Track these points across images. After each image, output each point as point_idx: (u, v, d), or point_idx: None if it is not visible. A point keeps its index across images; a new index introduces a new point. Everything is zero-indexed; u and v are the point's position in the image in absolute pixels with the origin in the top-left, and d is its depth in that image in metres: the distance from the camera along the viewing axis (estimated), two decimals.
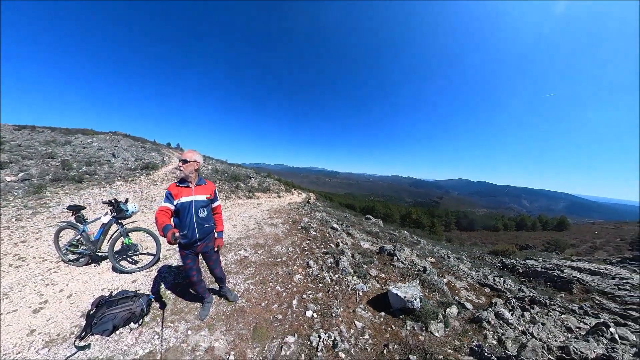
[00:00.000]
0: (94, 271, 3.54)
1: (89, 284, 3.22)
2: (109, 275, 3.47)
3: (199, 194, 2.37)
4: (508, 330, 2.55)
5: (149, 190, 9.49)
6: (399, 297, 2.92)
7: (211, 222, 2.53)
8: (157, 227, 2.08)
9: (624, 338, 2.40)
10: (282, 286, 3.53)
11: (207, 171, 15.70)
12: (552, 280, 6.93)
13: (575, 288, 6.28)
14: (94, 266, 3.66)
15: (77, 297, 2.90)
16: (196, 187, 2.40)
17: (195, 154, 2.38)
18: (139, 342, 2.32)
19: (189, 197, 2.31)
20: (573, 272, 7.39)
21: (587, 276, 7.18)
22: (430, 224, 34.77)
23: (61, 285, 3.13)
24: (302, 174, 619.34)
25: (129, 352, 2.21)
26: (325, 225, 8.07)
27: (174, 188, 2.31)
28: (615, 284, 6.57)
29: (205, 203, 2.43)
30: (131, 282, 3.33)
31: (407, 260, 5.09)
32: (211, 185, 2.57)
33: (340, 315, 2.89)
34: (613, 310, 4.71)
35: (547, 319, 2.86)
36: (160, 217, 2.14)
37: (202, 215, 2.39)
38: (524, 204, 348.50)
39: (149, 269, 3.70)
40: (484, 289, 4.43)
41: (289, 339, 2.42)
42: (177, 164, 2.41)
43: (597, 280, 6.88)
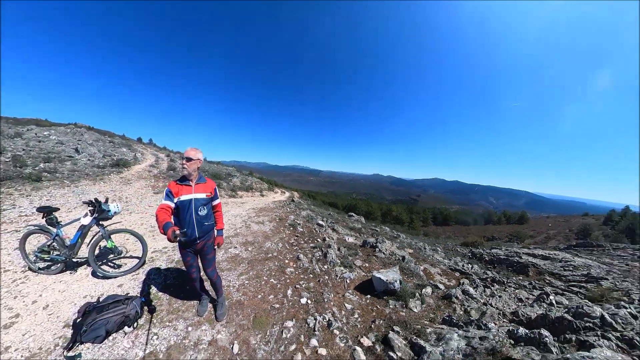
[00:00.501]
0: (71, 279, 3.24)
1: (68, 292, 2.95)
2: (89, 281, 3.21)
3: (199, 192, 2.36)
4: (472, 303, 3.02)
5: (122, 190, 8.78)
6: (382, 281, 3.28)
7: (211, 220, 2.52)
8: (158, 224, 2.05)
9: (559, 303, 2.96)
10: (276, 279, 3.71)
11: None
12: (513, 266, 7.84)
13: (530, 271, 7.19)
14: (70, 273, 3.32)
15: (56, 308, 2.66)
16: (196, 185, 2.38)
17: (197, 152, 2.37)
18: (136, 345, 2.28)
19: (189, 195, 2.30)
20: (529, 258, 8.41)
21: (540, 261, 8.22)
22: (409, 220, 36.59)
23: (33, 297, 2.83)
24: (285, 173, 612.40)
25: (127, 355, 2.17)
26: (312, 222, 8.33)
27: (174, 186, 2.29)
28: (562, 266, 7.62)
29: (206, 201, 2.41)
30: (117, 287, 3.14)
31: (388, 251, 5.53)
32: (211, 183, 2.54)
33: (332, 300, 3.18)
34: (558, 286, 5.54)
35: (503, 293, 3.39)
36: (161, 214, 2.12)
37: (202, 213, 2.37)
38: (491, 200, 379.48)
39: (135, 272, 3.52)
40: (454, 273, 4.99)
41: (288, 324, 2.64)
42: (181, 161, 2.34)
43: (547, 263, 7.91)
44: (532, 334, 1.97)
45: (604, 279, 6.36)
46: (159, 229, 2.06)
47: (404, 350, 2.13)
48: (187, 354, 2.23)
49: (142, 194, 8.82)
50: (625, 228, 24.46)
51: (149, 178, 10.93)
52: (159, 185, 10.15)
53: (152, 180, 10.69)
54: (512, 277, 5.49)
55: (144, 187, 9.51)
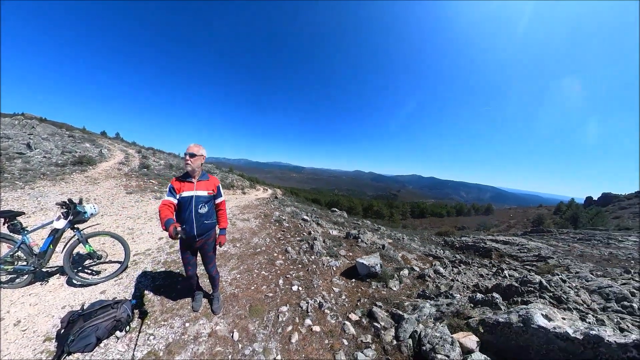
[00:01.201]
0: (43, 290, 2.93)
1: (42, 305, 2.71)
2: (66, 291, 2.97)
3: (200, 189, 2.30)
4: (442, 280, 3.48)
5: (89, 191, 7.72)
6: (365, 265, 3.63)
7: (212, 218, 2.44)
8: (160, 220, 2.04)
9: (512, 276, 3.53)
10: (267, 271, 3.87)
11: (160, 166, 13.74)
12: (479, 250, 8.76)
13: (493, 254, 8.11)
14: (41, 284, 3.02)
15: (30, 323, 2.46)
16: (198, 182, 2.32)
17: (200, 148, 2.32)
18: (132, 347, 2.24)
19: (190, 192, 2.25)
20: (492, 244, 9.43)
21: (501, 245, 9.26)
22: (389, 214, 38.27)
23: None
24: (267, 169, 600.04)
25: (123, 358, 2.14)
26: (296, 218, 8.53)
27: (176, 182, 2.26)
28: (519, 249, 8.68)
29: (207, 199, 2.35)
30: (99, 294, 2.97)
31: (369, 241, 5.94)
32: (214, 181, 2.46)
33: (321, 285, 3.45)
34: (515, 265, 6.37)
35: (468, 271, 3.92)
36: (164, 210, 2.08)
37: (202, 211, 2.30)
38: (462, 195, 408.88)
39: (118, 277, 3.33)
40: (428, 258, 5.54)
41: (283, 309, 2.83)
42: (185, 158, 2.26)
43: (507, 247, 8.94)
44: (487, 298, 2.41)
45: (550, 257, 7.40)
46: (161, 225, 2.04)
47: (386, 320, 2.47)
48: (187, 348, 2.26)
49: (112, 195, 7.97)
50: (570, 217, 28.06)
51: (119, 177, 9.90)
52: (132, 184, 9.23)
53: (124, 179, 9.68)
54: (477, 259, 6.21)
55: (114, 187, 8.60)
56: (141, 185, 8.89)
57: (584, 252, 9.33)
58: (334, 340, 2.38)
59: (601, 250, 9.46)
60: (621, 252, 9.10)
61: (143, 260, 3.87)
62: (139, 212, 6.27)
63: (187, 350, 2.24)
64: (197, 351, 2.24)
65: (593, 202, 40.26)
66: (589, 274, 3.56)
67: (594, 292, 2.55)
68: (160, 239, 4.73)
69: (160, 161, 15.45)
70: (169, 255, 4.07)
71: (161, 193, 8.32)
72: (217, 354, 2.22)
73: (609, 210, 31.13)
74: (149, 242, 4.58)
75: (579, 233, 14.13)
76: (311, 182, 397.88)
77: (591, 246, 10.38)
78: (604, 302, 2.38)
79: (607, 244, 10.59)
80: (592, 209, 31.28)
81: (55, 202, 3.14)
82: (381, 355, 2.15)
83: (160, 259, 3.96)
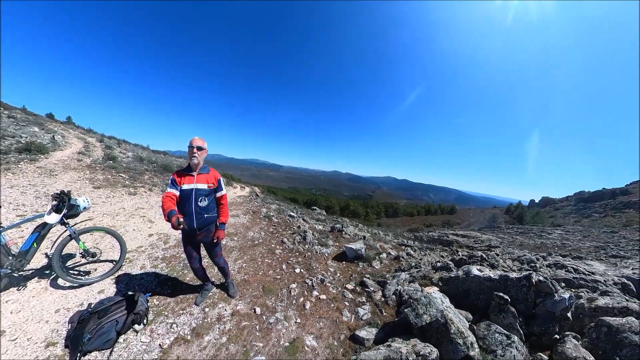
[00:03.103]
0: (23, 296, 2.61)
1: (27, 311, 2.43)
2: (53, 294, 2.71)
3: (200, 182, 2.31)
4: (413, 259, 4.38)
5: (46, 184, 6.36)
6: (353, 249, 4.39)
7: (212, 212, 2.43)
8: (163, 212, 2.05)
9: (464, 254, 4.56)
10: (269, 259, 4.35)
11: (128, 159, 12.26)
12: (442, 242, 10.13)
13: (454, 245, 9.49)
14: (17, 290, 2.66)
15: (19, 331, 2.23)
16: (199, 175, 2.33)
17: (204, 141, 2.35)
18: (155, 337, 2.27)
19: (191, 185, 2.26)
20: (454, 237, 10.92)
21: (461, 238, 10.79)
22: (365, 213, 40.23)
23: None
24: (243, 166, 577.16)
25: (150, 349, 2.15)
26: (284, 214, 9.07)
27: (177, 175, 2.30)
28: (474, 241, 10.22)
29: (207, 192, 2.34)
30: (97, 293, 2.81)
31: (352, 233, 6.76)
32: (215, 174, 2.45)
33: (318, 267, 4.11)
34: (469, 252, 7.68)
35: (432, 255, 4.90)
36: (167, 202, 2.10)
37: (202, 204, 2.30)
38: (431, 196, 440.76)
39: (115, 275, 3.18)
40: (401, 247, 6.53)
41: (292, 286, 3.39)
42: (192, 150, 2.28)
43: (465, 240, 10.46)
44: (443, 264, 3.31)
45: (497, 247, 8.95)
46: (164, 216, 2.06)
47: (374, 286, 3.24)
48: (214, 328, 2.42)
49: (77, 190, 6.91)
50: (517, 216, 33.07)
51: (81, 169, 8.55)
52: (98, 178, 8.01)
53: (87, 171, 8.42)
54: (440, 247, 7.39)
55: (77, 181, 7.50)
56: (109, 179, 8.05)
57: (523, 242, 11.32)
58: (338, 303, 3.06)
59: (535, 241, 11.55)
60: (549, 242, 11.25)
61: (138, 258, 3.75)
62: (115, 208, 5.81)
63: (214, 330, 2.41)
64: (225, 329, 2.45)
65: (535, 204, 46.92)
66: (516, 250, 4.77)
67: (515, 260, 3.63)
68: (150, 236, 4.58)
69: (127, 153, 13.79)
70: (166, 251, 4.07)
71: (135, 188, 7.80)
72: (244, 327, 2.51)
73: (547, 211, 36.79)
74: (137, 239, 4.39)
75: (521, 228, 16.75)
76: (289, 180, 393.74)
77: (528, 238, 12.56)
78: (519, 264, 3.44)
79: (540, 236, 12.89)
80: (533, 210, 36.78)
81: (50, 194, 3.02)
82: (374, 308, 2.91)
83: (158, 254, 3.92)
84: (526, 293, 2.31)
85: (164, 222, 5.28)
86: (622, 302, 2.28)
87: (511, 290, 2.37)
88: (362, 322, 2.70)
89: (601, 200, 33.69)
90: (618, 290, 2.83)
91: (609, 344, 1.94)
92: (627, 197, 31.60)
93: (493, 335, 2.02)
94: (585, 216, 28.16)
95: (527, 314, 2.27)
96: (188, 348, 2.23)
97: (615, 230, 15.32)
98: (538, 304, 2.27)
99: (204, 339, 2.33)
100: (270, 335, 2.44)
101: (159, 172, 11.25)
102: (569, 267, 3.58)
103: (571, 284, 3.06)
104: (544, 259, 3.82)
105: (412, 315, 2.17)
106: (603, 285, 2.90)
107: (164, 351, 2.16)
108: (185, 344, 2.25)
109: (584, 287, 2.91)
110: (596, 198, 35.34)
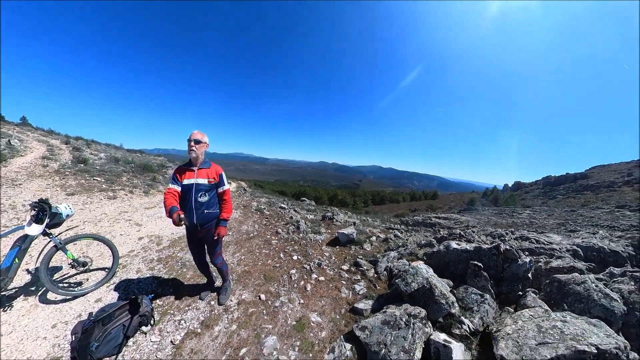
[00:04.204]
0: (10, 317, 2.45)
1: (20, 332, 2.31)
2: (46, 309, 2.55)
3: (201, 177, 2.27)
4: (400, 240, 4.79)
5: (10, 196, 5.50)
6: (345, 234, 4.70)
7: (214, 207, 2.37)
8: (165, 208, 2.02)
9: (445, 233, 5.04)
10: (266, 249, 4.52)
11: (102, 160, 10.91)
12: (426, 225, 10.82)
13: (436, 226, 10.19)
14: (4, 311, 2.50)
15: (16, 352, 2.14)
16: (199, 170, 2.29)
17: (204, 135, 2.30)
18: (165, 335, 2.30)
19: (191, 180, 2.23)
20: (436, 220, 11.65)
21: (442, 220, 11.55)
22: (353, 202, 41.27)
23: None
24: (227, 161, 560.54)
25: (162, 347, 2.19)
26: (275, 206, 9.22)
27: (178, 170, 2.28)
28: (454, 222, 11.00)
29: (208, 187, 2.29)
30: (94, 303, 2.70)
31: (342, 220, 7.10)
32: (217, 168, 2.40)
33: (314, 253, 4.38)
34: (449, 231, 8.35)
35: (417, 235, 5.34)
36: (168, 198, 2.07)
37: (203, 200, 2.26)
38: (415, 183, 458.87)
39: (110, 282, 3.07)
40: (389, 230, 6.99)
41: (292, 272, 3.61)
42: (190, 144, 2.23)
43: (446, 222, 11.22)
44: (427, 242, 3.70)
45: (475, 226, 9.70)
46: (165, 212, 2.03)
47: (367, 265, 3.57)
48: (223, 318, 2.53)
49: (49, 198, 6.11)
50: (493, 199, 35.79)
51: (49, 175, 7.66)
52: (71, 184, 7.22)
53: (56, 178, 7.60)
54: (424, 229, 7.98)
55: (46, 189, 6.81)
56: (83, 184, 7.25)
57: (497, 222, 12.37)
58: (336, 282, 3.35)
59: (508, 220, 12.66)
60: (519, 221, 12.39)
61: (131, 262, 3.62)
62: (96, 215, 5.34)
63: (223, 320, 2.52)
64: (233, 317, 2.58)
65: (508, 188, 50.74)
66: (490, 228, 5.33)
67: (488, 235, 4.12)
68: (140, 239, 4.39)
69: (99, 154, 12.34)
70: (161, 252, 3.97)
71: (114, 192, 7.12)
72: (252, 313, 2.66)
73: (518, 194, 39.99)
74: (127, 244, 4.19)
75: (495, 209, 18.14)
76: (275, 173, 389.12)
77: (502, 217, 13.72)
78: (492, 239, 3.92)
79: (511, 216, 14.11)
80: (507, 193, 39.99)
81: (28, 204, 2.79)
82: (369, 284, 3.24)
83: (152, 257, 3.81)
84: (496, 260, 2.73)
85: (153, 224, 5.22)
86: (570, 263, 2.76)
87: (484, 258, 2.78)
88: (359, 296, 3.02)
89: (565, 183, 37.12)
90: (569, 255, 3.37)
91: (559, 294, 2.39)
92: (586, 180, 35.09)
93: (470, 296, 2.40)
94: (551, 198, 31.00)
95: (496, 277, 2.69)
96: (200, 340, 2.31)
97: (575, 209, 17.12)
98: (505, 268, 2.70)
99: (214, 329, 2.43)
100: (278, 317, 2.64)
101: (138, 172, 10.40)
102: (532, 239, 4.14)
103: (533, 252, 3.57)
104: (512, 234, 4.39)
105: (402, 284, 2.50)
106: (558, 252, 3.43)
107: (177, 346, 2.22)
108: (197, 337, 2.34)
109: (543, 254, 3.43)
110: (560, 182, 39.03)
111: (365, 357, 2.06)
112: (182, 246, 4.25)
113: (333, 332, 2.47)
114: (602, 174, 36.39)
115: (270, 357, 2.15)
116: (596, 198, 23.99)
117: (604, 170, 38.49)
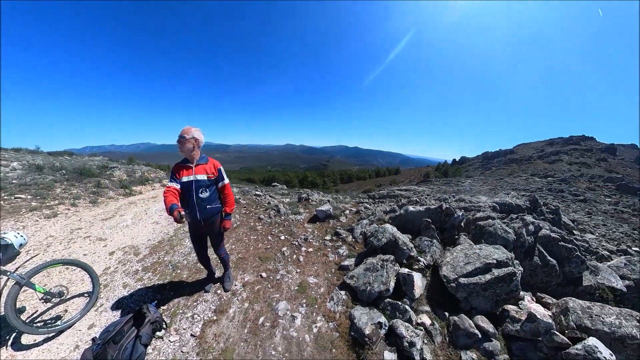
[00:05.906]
0: None
1: None
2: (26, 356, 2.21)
3: (199, 173, 2.29)
4: (369, 210, 5.64)
5: None
6: (323, 211, 5.35)
7: (215, 203, 2.41)
8: (165, 206, 2.02)
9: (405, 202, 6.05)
10: (254, 235, 4.83)
11: (17, 171, 8.00)
12: (390, 197, 12.18)
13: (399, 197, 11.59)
14: None
15: None
16: (197, 166, 2.31)
17: (192, 130, 2.25)
18: (182, 332, 2.40)
19: (190, 177, 2.25)
20: (398, 192, 13.12)
21: (403, 192, 13.04)
22: (323, 182, 42.69)
23: None
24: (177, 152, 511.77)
25: (183, 343, 2.28)
26: (249, 194, 9.36)
27: (176, 167, 2.30)
28: (413, 193, 12.57)
29: (207, 183, 2.32)
30: (89, 330, 2.47)
31: (317, 199, 7.76)
32: (215, 163, 2.43)
33: (298, 231, 4.91)
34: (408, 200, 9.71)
35: (383, 205, 6.29)
36: (168, 196, 2.08)
37: (204, 195, 2.29)
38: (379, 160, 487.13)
39: (97, 305, 2.80)
40: (359, 204, 7.92)
41: (284, 249, 4.08)
42: (178, 141, 2.26)
43: (406, 193, 12.73)
44: (391, 209, 4.56)
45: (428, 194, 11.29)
46: (166, 211, 2.04)
47: (345, 233, 4.30)
48: (234, 300, 2.78)
49: None
50: (443, 172, 41.70)
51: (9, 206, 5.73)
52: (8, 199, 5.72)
53: None
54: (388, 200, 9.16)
55: None
56: (3, 206, 5.44)
57: (446, 190, 14.56)
58: (323, 250, 3.99)
59: (454, 188, 14.98)
60: (462, 188, 14.77)
61: (112, 280, 3.31)
62: (39, 240, 4.30)
63: (234, 303, 2.77)
64: (244, 297, 2.88)
65: (456, 162, 58.47)
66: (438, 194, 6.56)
67: (436, 200, 5.18)
68: (111, 254, 3.95)
69: (10, 164, 8.81)
70: (144, 261, 3.74)
71: (50, 209, 5.62)
72: (259, 290, 3.03)
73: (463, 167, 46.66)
74: (98, 263, 3.71)
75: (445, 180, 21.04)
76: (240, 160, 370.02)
77: (449, 186, 16.14)
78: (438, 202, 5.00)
79: (457, 185, 16.65)
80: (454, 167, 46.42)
81: None
82: (349, 247, 3.96)
83: (136, 268, 3.57)
84: (440, 216, 3.67)
85: (120, 235, 4.68)
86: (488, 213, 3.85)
87: (432, 216, 3.70)
88: (343, 257, 3.73)
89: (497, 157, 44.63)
90: (490, 209, 4.56)
91: (479, 234, 3.41)
92: (512, 155, 43.73)
93: (423, 242, 3.28)
94: (487, 169, 37.23)
95: (441, 228, 3.65)
96: (219, 324, 2.51)
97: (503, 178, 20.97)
98: (446, 221, 3.65)
99: (229, 312, 2.66)
100: (282, 287, 3.15)
101: (74, 180, 8.35)
102: (466, 200, 5.37)
103: (466, 209, 4.70)
104: (453, 197, 5.58)
105: (375, 241, 3.25)
106: (482, 208, 4.60)
107: (199, 337, 2.36)
108: (215, 323, 2.53)
109: (472, 210, 4.56)
110: (495, 156, 47.86)
111: (356, 296, 2.78)
112: (166, 250, 4.10)
113: (329, 287, 3.12)
114: (524, 150, 45.83)
115: (285, 316, 2.66)
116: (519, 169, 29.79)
117: (525, 147, 48.30)
